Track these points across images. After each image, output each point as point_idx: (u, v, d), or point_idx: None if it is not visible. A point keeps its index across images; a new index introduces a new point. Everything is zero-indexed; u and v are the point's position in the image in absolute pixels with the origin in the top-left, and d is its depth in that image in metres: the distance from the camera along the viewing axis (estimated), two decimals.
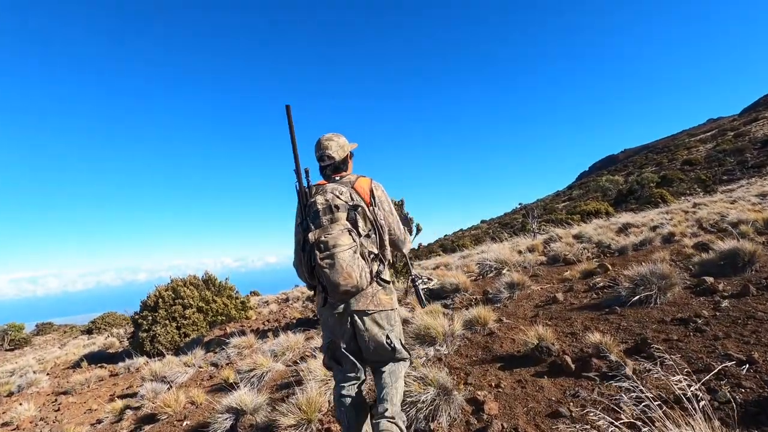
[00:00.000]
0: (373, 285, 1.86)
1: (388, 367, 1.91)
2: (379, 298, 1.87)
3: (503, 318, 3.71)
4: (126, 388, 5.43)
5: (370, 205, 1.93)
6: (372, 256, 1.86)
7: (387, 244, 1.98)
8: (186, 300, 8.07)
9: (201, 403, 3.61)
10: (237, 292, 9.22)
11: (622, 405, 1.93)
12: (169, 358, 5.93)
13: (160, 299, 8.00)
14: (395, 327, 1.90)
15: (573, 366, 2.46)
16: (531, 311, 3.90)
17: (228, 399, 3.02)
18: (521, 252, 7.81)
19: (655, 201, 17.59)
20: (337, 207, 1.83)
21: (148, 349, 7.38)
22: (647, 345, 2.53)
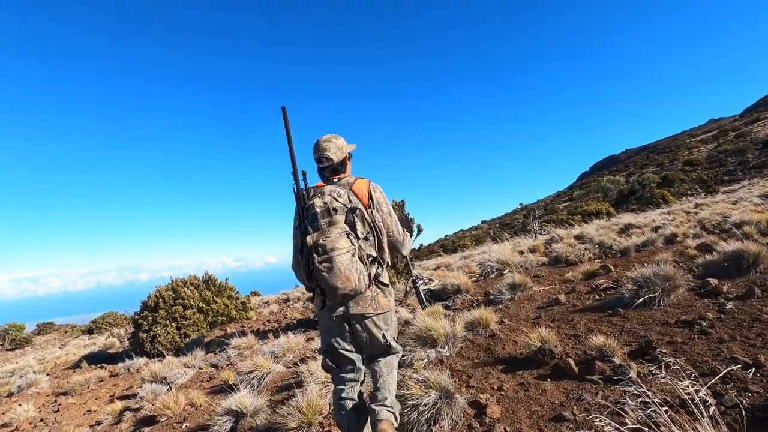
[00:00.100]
0: (372, 288, 1.87)
1: (383, 358, 1.99)
2: (378, 301, 1.88)
3: (505, 319, 3.68)
4: (126, 389, 5.41)
5: (369, 208, 1.92)
6: (370, 259, 1.86)
7: (386, 246, 1.98)
8: (186, 300, 8.05)
9: (201, 405, 3.59)
10: (237, 293, 9.21)
11: (626, 409, 1.91)
12: (169, 358, 5.91)
13: (161, 299, 7.99)
14: (391, 326, 1.95)
15: (576, 369, 2.43)
16: (533, 313, 3.87)
17: (228, 401, 3.00)
18: (522, 253, 7.78)
19: (656, 201, 17.55)
20: (335, 210, 1.82)
21: (148, 350, 7.37)
22: (651, 348, 2.50)
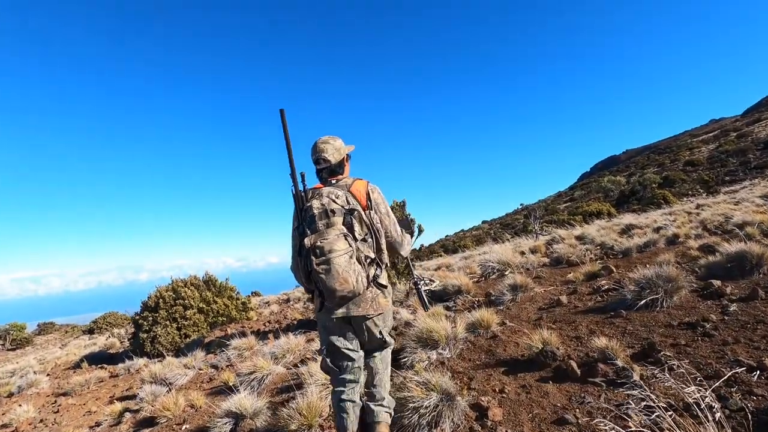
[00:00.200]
0: (372, 289, 1.88)
1: (378, 353, 2.06)
2: (378, 302, 1.90)
3: (506, 321, 3.66)
4: (126, 390, 5.40)
5: (367, 209, 1.92)
6: (368, 260, 1.86)
7: (384, 247, 1.99)
8: (187, 300, 8.04)
9: (200, 407, 3.58)
10: (238, 293, 9.19)
11: (630, 412, 1.89)
12: (169, 359, 5.90)
13: (161, 300, 7.98)
14: (387, 323, 2.03)
15: (579, 371, 2.41)
16: (535, 314, 3.85)
17: (228, 403, 2.98)
18: (523, 253, 7.76)
19: (657, 202, 17.51)
20: (333, 211, 1.82)
21: (148, 350, 7.36)
22: (655, 350, 2.48)
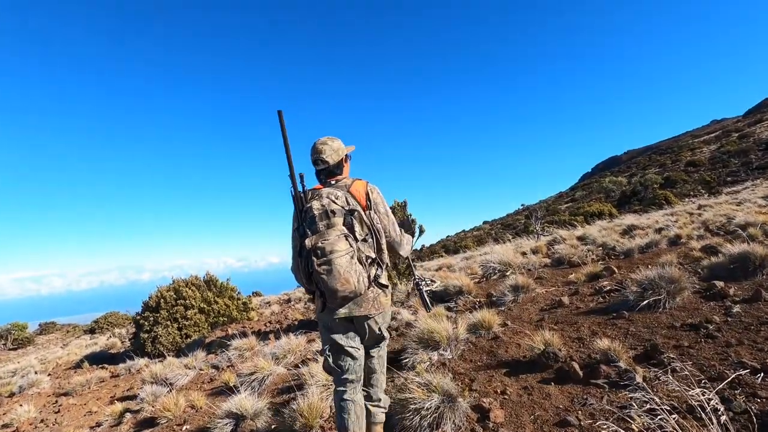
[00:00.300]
0: (373, 289, 1.90)
1: (375, 351, 2.10)
2: (379, 302, 1.92)
3: (508, 322, 3.65)
4: (126, 390, 5.39)
5: (367, 209, 1.93)
6: (369, 260, 1.87)
7: (384, 247, 2.00)
8: (188, 301, 8.04)
9: (201, 407, 3.57)
10: (239, 293, 9.19)
11: (633, 414, 1.87)
12: (170, 359, 5.89)
13: (162, 300, 7.98)
14: (387, 320, 2.06)
15: (581, 373, 2.40)
16: (536, 315, 3.83)
17: (228, 403, 2.98)
18: (525, 254, 7.75)
19: (658, 202, 17.47)
20: (334, 212, 1.82)
21: (149, 350, 7.35)
22: (657, 351, 2.46)
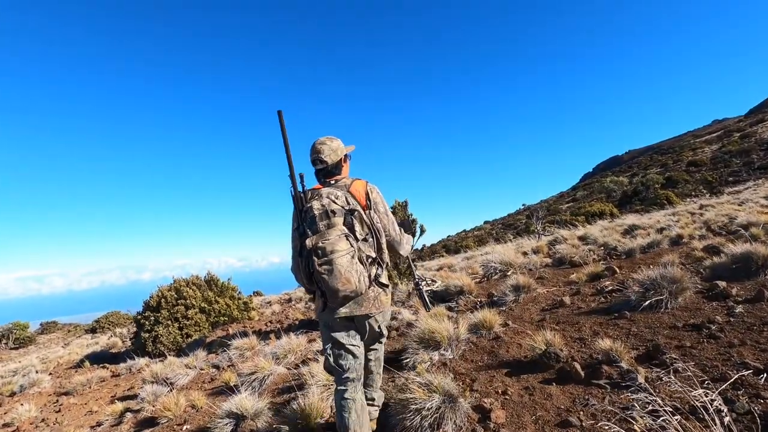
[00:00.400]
0: (374, 288, 1.91)
1: (373, 354, 2.16)
2: (380, 301, 1.93)
3: (509, 322, 3.64)
4: (127, 390, 5.40)
5: (367, 209, 1.94)
6: (370, 260, 1.88)
7: (384, 247, 2.00)
8: (188, 300, 8.05)
9: (201, 407, 3.56)
10: (239, 293, 9.19)
11: (635, 415, 1.86)
12: (170, 359, 5.89)
13: (163, 299, 7.98)
14: (387, 318, 2.09)
15: (582, 373, 2.39)
16: (537, 315, 3.82)
17: (229, 403, 2.97)
18: (526, 254, 7.73)
19: (660, 202, 17.44)
20: (334, 212, 1.82)
21: (150, 350, 7.36)
22: (659, 352, 2.45)
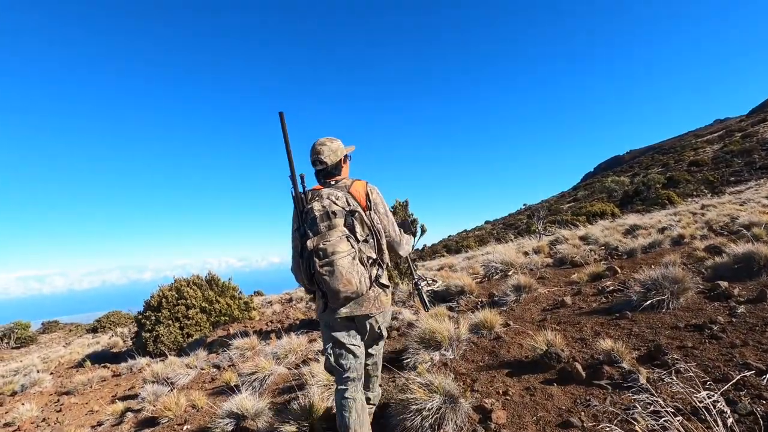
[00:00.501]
0: (374, 289, 1.91)
1: (371, 358, 2.18)
2: (380, 301, 1.93)
3: (510, 322, 3.63)
4: (128, 389, 5.40)
5: (367, 210, 1.94)
6: (370, 261, 1.88)
7: (385, 248, 2.01)
8: (189, 300, 8.05)
9: (202, 407, 3.56)
10: (240, 293, 9.19)
11: (636, 416, 1.85)
12: (171, 359, 5.89)
13: (164, 299, 7.99)
14: (387, 319, 2.09)
15: (583, 373, 2.38)
16: (538, 315, 3.81)
17: (229, 403, 2.97)
18: (527, 253, 7.72)
19: (661, 202, 17.40)
20: (335, 213, 1.82)
21: (151, 350, 7.36)
22: (661, 352, 2.44)
